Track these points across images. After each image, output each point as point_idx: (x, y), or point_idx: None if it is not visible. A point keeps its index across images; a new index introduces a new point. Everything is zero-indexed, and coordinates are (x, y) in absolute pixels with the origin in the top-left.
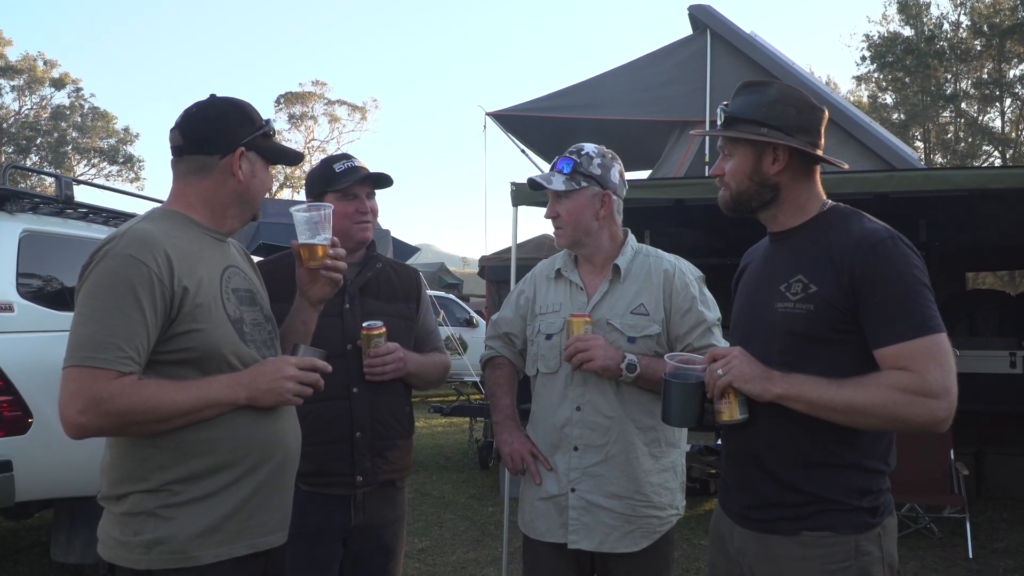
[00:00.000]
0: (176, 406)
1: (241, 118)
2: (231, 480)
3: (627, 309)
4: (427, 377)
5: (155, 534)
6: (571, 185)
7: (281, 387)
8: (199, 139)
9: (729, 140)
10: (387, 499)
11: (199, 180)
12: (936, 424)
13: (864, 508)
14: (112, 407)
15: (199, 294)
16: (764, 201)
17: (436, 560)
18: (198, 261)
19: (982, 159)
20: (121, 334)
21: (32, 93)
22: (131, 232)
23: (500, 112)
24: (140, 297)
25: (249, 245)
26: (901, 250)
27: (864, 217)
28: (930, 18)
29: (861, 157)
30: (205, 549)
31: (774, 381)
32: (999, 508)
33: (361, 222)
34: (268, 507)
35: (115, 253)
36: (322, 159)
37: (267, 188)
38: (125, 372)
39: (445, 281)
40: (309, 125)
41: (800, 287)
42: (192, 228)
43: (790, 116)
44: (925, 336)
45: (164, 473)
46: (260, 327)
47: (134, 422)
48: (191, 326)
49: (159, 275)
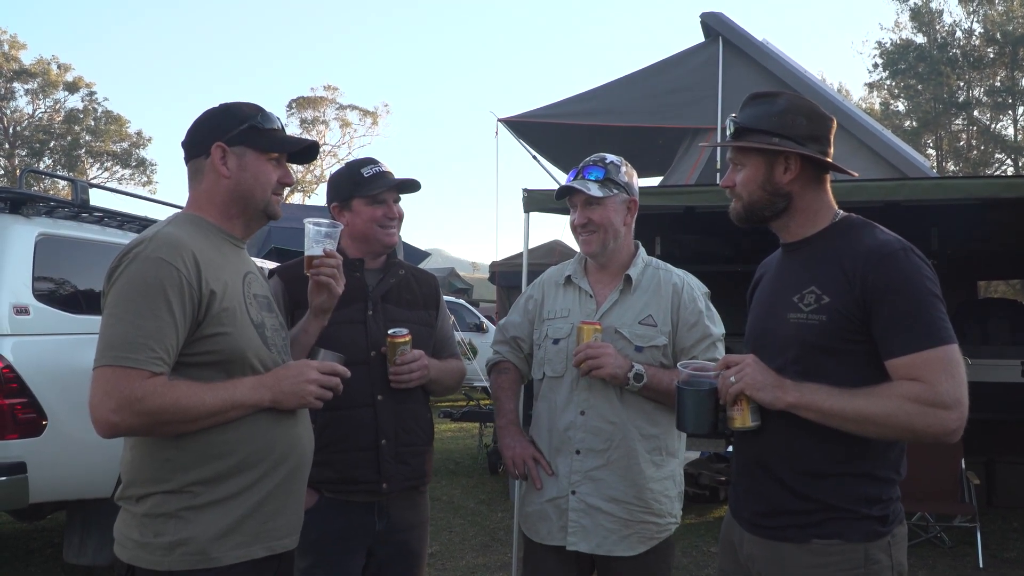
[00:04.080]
0: (205, 407)
1: (223, 117)
2: (251, 482)
3: (636, 319)
4: (446, 383)
5: (176, 536)
6: (606, 191)
7: (304, 390)
8: (188, 144)
9: (740, 151)
10: (410, 504)
11: (198, 183)
12: (947, 435)
13: (874, 517)
14: (145, 407)
15: (225, 298)
16: (777, 211)
17: (445, 565)
18: (223, 266)
19: (995, 167)
20: (152, 335)
21: (46, 96)
22: (159, 236)
23: (512, 118)
24: (170, 299)
25: (260, 250)
26: (913, 261)
27: (876, 228)
28: (943, 25)
29: (873, 165)
30: (225, 551)
31: (786, 390)
32: (1010, 518)
33: (387, 227)
34: (284, 510)
35: (145, 256)
36: (347, 163)
37: (267, 180)
38: (157, 372)
39: (455, 286)
40: (320, 130)
41: (813, 298)
42: (212, 233)
43: (800, 125)
44: (936, 347)
45: (186, 475)
46: (278, 333)
47: (165, 422)
48: (218, 329)
49: (188, 278)
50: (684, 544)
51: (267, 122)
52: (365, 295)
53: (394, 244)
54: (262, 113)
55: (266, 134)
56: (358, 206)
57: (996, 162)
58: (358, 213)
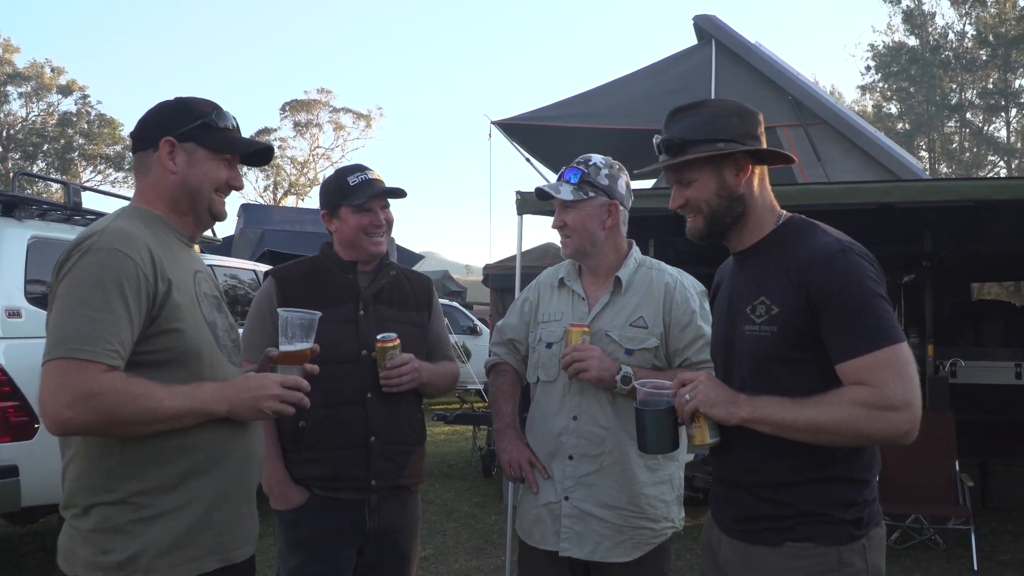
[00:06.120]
0: (163, 410)
1: (174, 112)
2: (199, 491)
3: (626, 321)
4: (439, 386)
5: (124, 553)
6: (579, 195)
7: (262, 404)
8: (137, 136)
9: (684, 168)
10: (401, 503)
11: (144, 176)
12: (899, 437)
13: (848, 520)
14: (104, 403)
15: (179, 293)
16: (736, 216)
17: (439, 568)
18: (173, 261)
19: (987, 169)
20: (108, 328)
21: (39, 100)
22: (111, 228)
23: (505, 121)
24: (126, 292)
25: (254, 253)
26: (853, 262)
27: (818, 229)
28: (935, 28)
29: (865, 167)
30: (176, 566)
31: (739, 405)
32: (1004, 520)
33: (373, 235)
34: (238, 519)
35: (98, 247)
36: (337, 170)
37: (215, 179)
38: (113, 366)
39: (449, 289)
40: (314, 133)
41: (764, 309)
42: (161, 227)
43: (735, 125)
44: (883, 348)
45: (130, 483)
46: (228, 334)
47: (122, 421)
48: (172, 325)
49: (144, 270)
50: (678, 547)
51: (221, 120)
52: (357, 295)
53: (381, 252)
54: (217, 111)
55: (219, 133)
56: (345, 214)
57: (989, 164)
58: (345, 221)
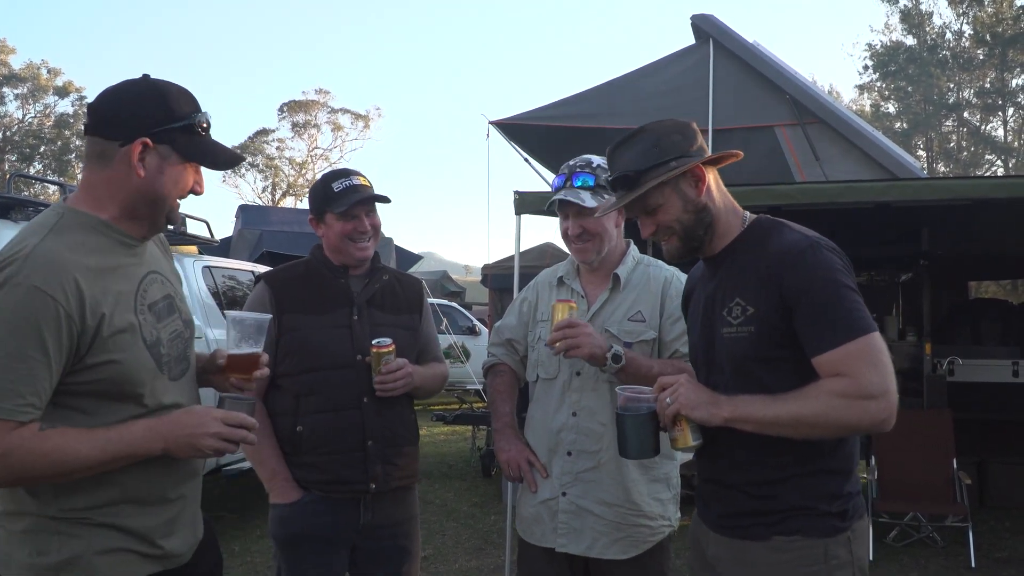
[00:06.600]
0: (81, 460)
1: (157, 106)
2: (137, 513)
3: (625, 316)
4: (429, 388)
5: (61, 555)
6: (599, 199)
7: (201, 443)
8: (103, 119)
9: (647, 197)
10: (397, 500)
11: (100, 168)
12: (878, 425)
13: (833, 513)
14: (11, 462)
15: (114, 321)
16: (706, 226)
17: (438, 569)
18: (112, 280)
19: (984, 168)
20: (22, 379)
21: (36, 101)
22: (36, 254)
23: (503, 121)
24: (44, 337)
25: (252, 254)
26: (821, 256)
27: (785, 227)
28: (932, 27)
29: (863, 166)
30: (113, 568)
31: (720, 405)
32: (1002, 517)
33: (358, 241)
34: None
35: (17, 283)
36: (323, 175)
37: (183, 188)
38: (25, 421)
39: (447, 289)
40: (312, 134)
41: (739, 310)
42: (103, 237)
43: (678, 142)
44: (856, 339)
45: (65, 501)
46: (178, 338)
47: (34, 477)
48: (105, 357)
49: (67, 310)
50: (676, 545)
51: (201, 121)
52: (350, 300)
53: (367, 257)
54: (197, 110)
55: (198, 141)
56: (330, 220)
57: (986, 163)
58: (330, 227)
